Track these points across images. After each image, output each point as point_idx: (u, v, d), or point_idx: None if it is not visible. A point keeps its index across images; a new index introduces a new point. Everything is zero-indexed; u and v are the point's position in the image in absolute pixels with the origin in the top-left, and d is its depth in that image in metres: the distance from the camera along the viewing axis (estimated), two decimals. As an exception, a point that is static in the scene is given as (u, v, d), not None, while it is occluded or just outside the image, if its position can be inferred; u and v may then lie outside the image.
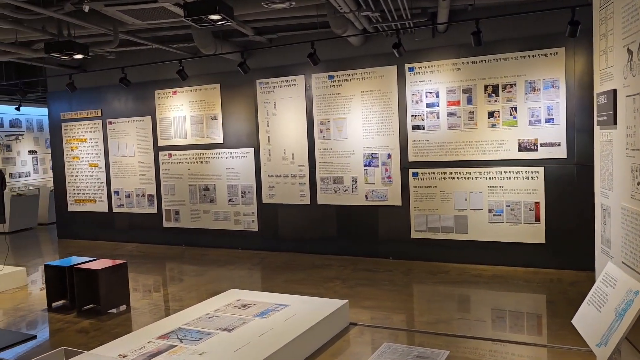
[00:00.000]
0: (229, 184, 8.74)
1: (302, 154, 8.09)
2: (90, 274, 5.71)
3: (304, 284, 6.52)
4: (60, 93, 10.18)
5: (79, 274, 5.74)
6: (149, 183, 9.53)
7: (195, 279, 7.08)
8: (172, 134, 9.19)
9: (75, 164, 10.34)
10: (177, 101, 9.08)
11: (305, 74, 7.99)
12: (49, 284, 6.03)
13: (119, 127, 9.75)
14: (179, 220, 9.25)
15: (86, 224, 10.28)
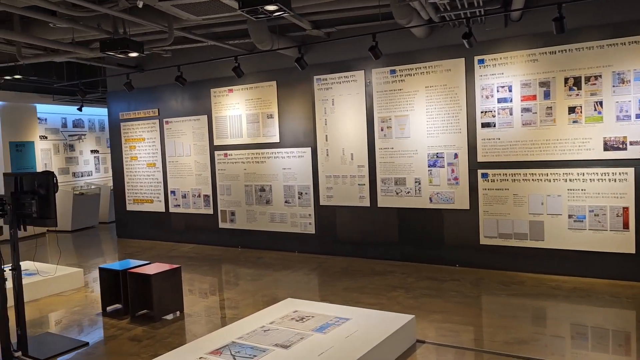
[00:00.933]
0: (285, 184, 8.44)
1: (362, 154, 7.67)
2: (144, 278, 5.53)
3: (365, 293, 6.11)
4: (119, 93, 10.21)
5: (133, 278, 5.57)
6: (205, 183, 9.38)
7: (250, 283, 6.81)
8: (227, 133, 8.99)
9: (134, 163, 10.35)
10: (233, 99, 8.87)
11: (365, 69, 7.56)
12: (104, 288, 5.91)
13: (176, 127, 9.66)
14: (235, 222, 9.05)
15: (144, 223, 10.28)
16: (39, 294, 6.56)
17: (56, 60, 7.86)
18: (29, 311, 6.01)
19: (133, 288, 5.59)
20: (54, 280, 6.76)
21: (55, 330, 5.39)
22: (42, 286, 6.62)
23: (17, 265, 4.66)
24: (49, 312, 5.99)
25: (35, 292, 6.52)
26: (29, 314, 5.92)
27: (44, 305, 6.25)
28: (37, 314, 5.96)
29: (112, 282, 5.89)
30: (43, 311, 6.05)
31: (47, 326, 5.54)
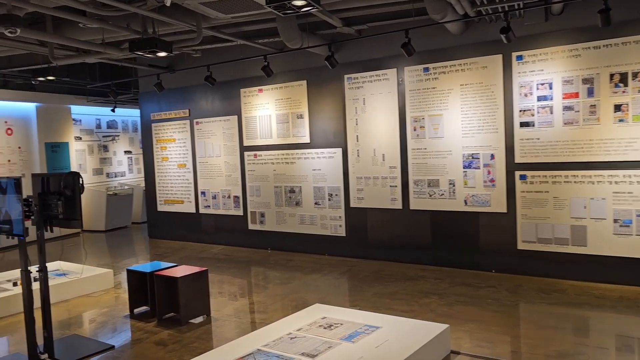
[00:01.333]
0: (315, 186, 8.28)
1: (394, 154, 7.45)
2: (171, 281, 5.44)
3: (396, 299, 5.89)
4: (151, 94, 10.24)
5: (160, 280, 5.49)
6: (235, 184, 9.30)
7: (279, 287, 6.67)
8: (257, 134, 8.89)
9: (165, 164, 10.36)
10: (262, 99, 8.76)
11: (397, 67, 7.33)
12: (131, 290, 5.86)
13: (206, 127, 9.62)
14: (264, 223, 8.94)
15: (174, 224, 10.28)
16: (69, 295, 6.57)
17: (88, 61, 7.89)
18: (58, 312, 6.02)
19: (160, 291, 5.52)
20: (84, 281, 6.76)
21: (83, 332, 5.36)
22: (71, 287, 6.62)
23: (44, 267, 4.63)
24: (78, 314, 5.98)
25: (64, 292, 6.53)
26: (58, 314, 5.93)
27: (73, 306, 6.24)
28: (65, 315, 5.95)
29: (139, 284, 5.83)
30: (72, 312, 6.04)
31: (75, 328, 5.51)
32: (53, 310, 6.07)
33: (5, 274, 6.92)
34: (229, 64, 8.46)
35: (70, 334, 5.24)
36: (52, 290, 6.33)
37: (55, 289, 6.42)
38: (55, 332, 5.31)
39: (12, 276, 6.64)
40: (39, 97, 10.94)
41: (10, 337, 5.34)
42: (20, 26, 4.64)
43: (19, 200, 4.30)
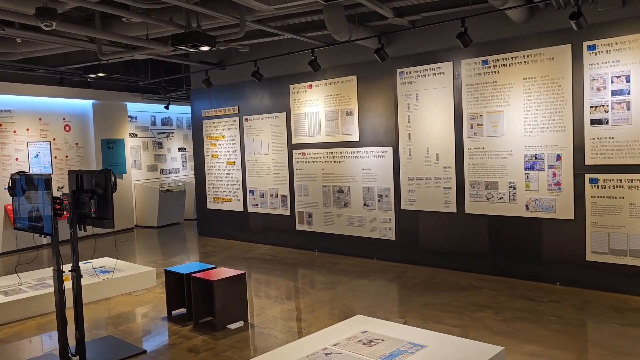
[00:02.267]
0: (364, 186, 7.89)
1: (448, 154, 6.95)
2: (207, 284, 5.22)
3: (447, 311, 5.42)
4: (202, 91, 10.15)
5: (196, 283, 5.28)
6: (283, 183, 9.05)
7: (323, 292, 6.34)
8: (306, 131, 8.59)
9: (214, 161, 10.26)
10: (311, 96, 8.45)
11: (453, 60, 6.82)
12: (169, 291, 5.70)
13: (255, 124, 9.42)
14: (312, 224, 8.63)
15: (223, 222, 10.16)
16: (111, 292, 6.51)
17: (136, 57, 7.85)
18: (99, 310, 5.95)
19: (196, 293, 5.31)
20: (127, 279, 6.69)
21: (119, 333, 5.23)
22: (115, 284, 6.56)
23: (76, 267, 4.50)
24: (117, 313, 5.88)
25: (107, 290, 6.48)
26: (97, 313, 5.86)
27: (114, 305, 6.16)
28: (105, 314, 5.87)
29: (177, 285, 5.66)
30: (112, 311, 5.95)
31: (112, 328, 5.39)
32: (93, 309, 6.04)
33: (47, 271, 6.93)
34: (278, 60, 8.21)
35: (105, 335, 5.12)
36: (95, 287, 6.34)
37: (98, 287, 6.39)
38: (92, 332, 5.23)
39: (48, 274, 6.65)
40: (96, 94, 11.12)
41: (44, 337, 5.28)
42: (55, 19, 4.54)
43: (49, 198, 4.17)
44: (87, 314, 5.83)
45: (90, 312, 5.91)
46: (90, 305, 6.13)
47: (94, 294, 6.34)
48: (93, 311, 5.96)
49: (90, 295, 6.29)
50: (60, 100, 10.57)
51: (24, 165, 9.97)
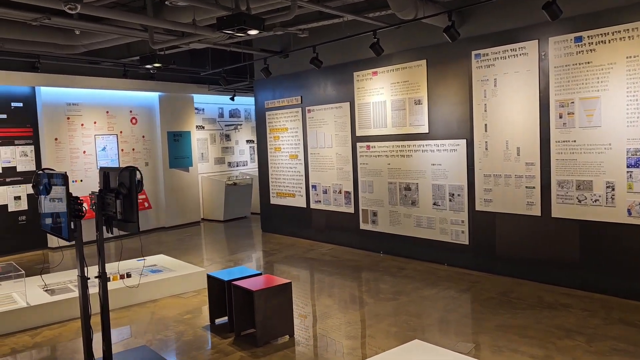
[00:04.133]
0: (434, 183, 7.07)
1: (532, 148, 5.99)
2: (248, 293, 4.70)
3: (527, 336, 4.55)
4: (264, 81, 9.71)
5: (237, 292, 4.78)
6: (346, 178, 8.41)
7: (384, 304, 5.65)
8: (370, 123, 7.88)
9: (277, 154, 9.80)
10: (377, 84, 7.72)
11: (539, 39, 5.84)
12: (212, 297, 5.25)
13: (318, 115, 8.83)
14: (377, 223, 7.93)
15: (286, 218, 9.70)
16: (159, 294, 6.19)
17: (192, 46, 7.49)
18: (142, 314, 5.63)
19: (238, 303, 4.81)
20: (176, 280, 6.35)
21: (156, 342, 4.84)
22: (163, 285, 6.24)
23: (103, 272, 4.12)
24: (160, 317, 5.52)
25: (155, 291, 6.16)
26: (140, 316, 5.54)
27: (158, 308, 5.82)
28: (147, 318, 5.53)
29: (220, 292, 5.20)
30: (155, 315, 5.60)
31: (150, 335, 5.02)
32: (137, 312, 5.72)
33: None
34: (341, 46, 7.56)
35: (140, 346, 4.74)
36: (142, 288, 6.02)
37: (146, 287, 6.09)
38: (128, 340, 4.89)
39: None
40: (162, 86, 11.00)
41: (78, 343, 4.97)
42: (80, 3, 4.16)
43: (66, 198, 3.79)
44: (130, 317, 5.55)
45: (134, 315, 5.61)
46: (135, 308, 5.84)
47: (141, 295, 6.05)
48: (136, 314, 5.65)
49: (137, 297, 6.00)
50: (126, 93, 10.53)
51: (92, 159, 10.02)
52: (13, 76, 8.79)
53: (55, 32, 7.64)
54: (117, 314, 5.65)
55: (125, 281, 5.80)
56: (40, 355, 4.72)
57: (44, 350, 4.81)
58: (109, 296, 5.66)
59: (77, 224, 3.90)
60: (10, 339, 5.06)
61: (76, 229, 3.84)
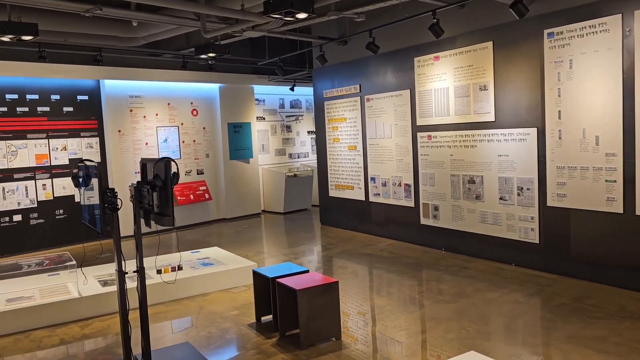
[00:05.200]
0: (500, 176, 6.52)
1: (613, 137, 5.33)
2: (292, 292, 4.44)
3: (604, 352, 4.00)
4: (323, 70, 9.43)
5: (281, 290, 4.54)
6: (406, 170, 7.97)
7: (442, 306, 5.22)
8: (432, 111, 7.40)
9: (336, 145, 9.50)
10: (439, 69, 7.22)
11: (623, 12, 5.16)
12: (258, 294, 5.05)
13: (377, 104, 8.43)
14: (438, 218, 7.46)
15: (344, 211, 9.39)
16: (210, 287, 6.08)
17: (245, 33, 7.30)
18: (190, 308, 5.53)
19: (282, 301, 4.57)
20: (227, 274, 6.22)
21: (199, 339, 4.68)
22: (214, 279, 6.12)
23: (141, 267, 3.98)
24: (207, 312, 5.38)
25: (205, 285, 6.05)
26: (188, 311, 5.44)
27: (208, 302, 5.69)
28: (195, 312, 5.42)
29: (266, 288, 4.98)
30: (203, 310, 5.48)
31: (195, 332, 4.89)
32: (187, 305, 5.62)
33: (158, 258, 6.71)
34: (401, 30, 7.14)
35: (183, 342, 4.60)
36: (192, 281, 5.93)
37: (196, 281, 5.99)
38: (173, 334, 4.78)
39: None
40: (223, 77, 10.96)
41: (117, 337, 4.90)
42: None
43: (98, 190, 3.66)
44: (179, 310, 5.47)
45: (182, 309, 5.51)
46: (184, 301, 5.75)
47: (191, 288, 5.96)
48: (185, 308, 5.55)
49: (187, 290, 5.92)
50: (187, 85, 10.57)
51: (154, 150, 10.14)
52: (78, 70, 8.99)
53: (113, 24, 7.71)
54: (167, 307, 5.58)
55: (163, 276, 5.70)
56: (87, 347, 4.70)
57: (92, 342, 4.79)
58: (160, 289, 5.66)
59: (112, 218, 3.77)
60: (62, 329, 5.09)
61: (110, 223, 3.71)
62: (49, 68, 8.60)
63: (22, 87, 8.67)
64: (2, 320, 5.00)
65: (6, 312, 5.04)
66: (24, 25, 5.69)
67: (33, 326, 5.11)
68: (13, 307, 5.09)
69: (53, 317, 5.21)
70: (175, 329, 5.02)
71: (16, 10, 5.95)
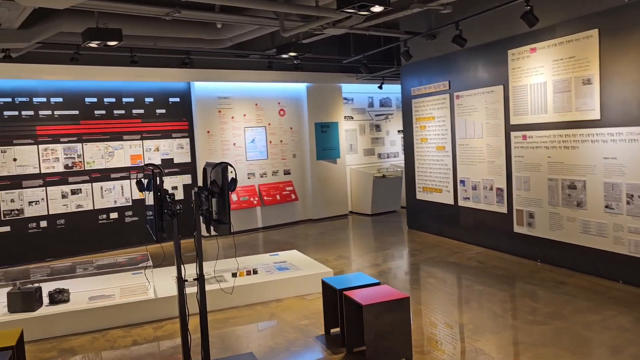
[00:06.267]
0: (606, 181, 5.75)
1: None
2: (358, 307, 4.14)
3: None
4: (410, 66, 9.00)
5: (348, 303, 4.25)
6: (498, 173, 7.34)
7: (531, 328, 4.66)
8: (527, 109, 6.73)
9: (423, 146, 9.02)
10: (535, 62, 6.54)
11: None
12: (327, 305, 4.80)
13: (467, 102, 7.85)
14: (533, 226, 6.77)
15: (432, 215, 8.89)
16: (284, 293, 5.93)
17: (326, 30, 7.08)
18: (262, 314, 5.42)
19: (349, 315, 4.28)
20: (301, 280, 6.04)
21: (264, 350, 4.53)
22: (289, 284, 5.97)
23: (200, 274, 3.89)
24: (277, 321, 5.23)
25: (281, 290, 5.92)
26: (259, 316, 5.34)
27: (280, 309, 5.54)
28: (265, 318, 5.29)
29: (334, 300, 4.72)
30: (273, 317, 5.34)
31: (263, 340, 4.75)
32: (259, 311, 5.51)
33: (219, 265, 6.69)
34: (493, 21, 6.58)
35: (246, 353, 4.47)
36: (266, 286, 5.81)
37: (271, 286, 5.87)
38: (238, 342, 4.67)
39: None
40: (309, 76, 10.85)
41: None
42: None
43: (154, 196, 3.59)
44: (250, 317, 5.37)
45: (254, 315, 5.41)
46: (257, 307, 5.64)
47: (265, 293, 5.85)
48: (257, 314, 5.43)
49: (261, 295, 5.82)
50: (274, 85, 10.57)
51: (241, 151, 10.25)
52: (169, 73, 9.27)
53: (199, 27, 7.81)
54: (240, 311, 5.51)
55: (222, 284, 5.58)
56: (157, 349, 4.71)
57: (162, 344, 4.81)
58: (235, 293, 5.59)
59: (169, 224, 3.70)
60: (136, 329, 5.17)
61: (165, 229, 3.62)
62: (142, 72, 8.94)
63: (118, 90, 9.09)
64: (84, 319, 5.18)
65: (87, 311, 5.21)
66: (109, 31, 5.86)
67: (110, 325, 5.24)
68: (93, 306, 5.25)
69: (130, 317, 5.32)
70: (242, 336, 4.91)
71: (103, 17, 6.16)
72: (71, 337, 5.03)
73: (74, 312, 5.16)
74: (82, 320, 5.17)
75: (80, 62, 7.85)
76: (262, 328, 5.09)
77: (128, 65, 8.32)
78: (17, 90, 8.27)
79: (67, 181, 8.73)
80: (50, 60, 8.19)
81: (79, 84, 8.73)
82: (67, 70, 8.28)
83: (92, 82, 8.79)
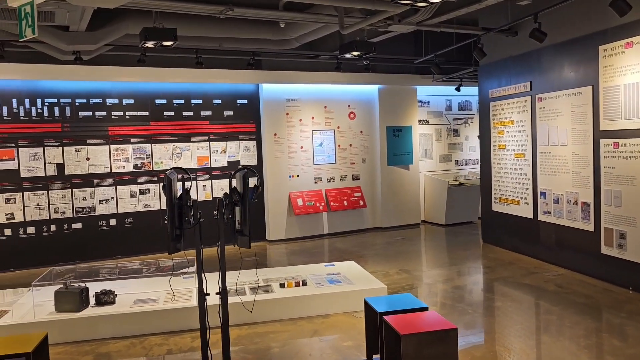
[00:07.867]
0: None
1: None
2: (397, 336, 3.65)
3: None
4: (489, 67, 8.27)
5: (387, 329, 3.77)
6: (584, 185, 6.48)
7: (608, 371, 3.93)
8: (621, 113, 5.85)
9: (501, 153, 8.24)
10: (631, 59, 5.66)
11: None
12: (370, 328, 4.33)
13: (550, 105, 7.03)
14: (625, 248, 5.87)
15: (509, 229, 8.10)
16: (332, 308, 5.52)
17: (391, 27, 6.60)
18: (304, 330, 5.05)
19: (389, 343, 3.80)
20: (351, 295, 5.58)
21: (297, 372, 4.16)
22: (337, 299, 5.55)
23: (223, 288, 3.58)
24: (318, 340, 4.82)
25: (328, 305, 5.52)
26: (301, 333, 4.97)
27: (324, 327, 5.13)
28: (306, 336, 4.91)
29: (376, 323, 4.24)
30: (315, 334, 4.94)
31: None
32: (303, 327, 5.14)
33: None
34: (582, 14, 5.80)
35: (276, 374, 4.12)
36: (313, 300, 5.44)
37: (318, 300, 5.50)
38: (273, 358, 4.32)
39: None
40: (381, 78, 10.38)
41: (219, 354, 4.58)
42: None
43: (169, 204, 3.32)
44: (291, 332, 5.02)
45: (296, 331, 5.04)
46: (301, 322, 5.27)
47: (312, 307, 5.47)
48: (299, 330, 5.06)
49: (307, 309, 5.45)
50: (344, 87, 10.19)
51: (308, 154, 9.96)
52: (236, 74, 9.17)
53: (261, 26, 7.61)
54: (283, 326, 5.17)
55: (243, 298, 5.15)
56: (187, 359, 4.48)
57: (195, 355, 4.56)
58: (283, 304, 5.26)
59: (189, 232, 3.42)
60: (174, 338, 4.98)
61: (180, 240, 3.34)
62: (210, 73, 8.90)
63: (187, 92, 9.12)
64: (125, 323, 5.06)
65: (129, 315, 5.09)
66: (164, 31, 5.76)
67: (151, 331, 5.09)
68: (135, 311, 5.13)
69: (170, 324, 5.15)
70: (276, 354, 4.55)
71: (163, 18, 6.09)
72: (111, 340, 4.94)
73: (116, 316, 5.07)
74: (123, 324, 5.06)
75: (149, 64, 7.91)
76: (302, 347, 4.71)
77: (195, 67, 8.29)
78: (91, 91, 8.51)
79: (136, 181, 8.88)
80: (120, 62, 8.35)
81: (150, 85, 8.84)
82: (135, 72, 8.40)
83: (162, 83, 8.88)
